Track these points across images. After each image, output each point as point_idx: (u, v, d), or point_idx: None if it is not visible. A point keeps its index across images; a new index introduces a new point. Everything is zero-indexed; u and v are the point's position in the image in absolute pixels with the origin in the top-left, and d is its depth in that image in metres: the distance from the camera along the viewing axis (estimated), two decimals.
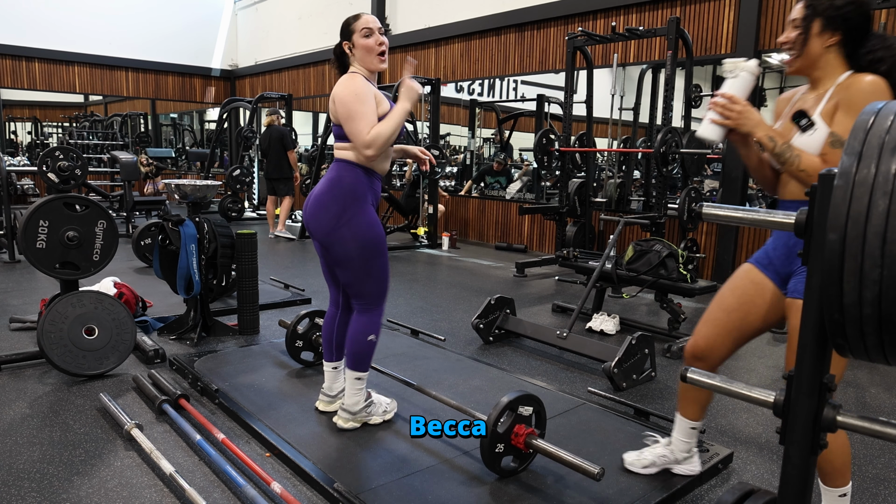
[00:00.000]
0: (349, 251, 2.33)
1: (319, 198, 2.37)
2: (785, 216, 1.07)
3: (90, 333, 3.11)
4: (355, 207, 2.33)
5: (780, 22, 5.53)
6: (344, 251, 2.33)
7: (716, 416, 2.89)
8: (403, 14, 9.64)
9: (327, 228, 2.33)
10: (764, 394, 1.14)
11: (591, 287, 4.00)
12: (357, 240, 2.33)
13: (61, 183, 3.40)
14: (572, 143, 6.12)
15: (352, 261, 2.35)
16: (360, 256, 2.34)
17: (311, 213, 2.39)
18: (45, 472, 2.23)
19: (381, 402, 2.62)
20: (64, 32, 11.54)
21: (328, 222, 2.32)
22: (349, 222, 2.32)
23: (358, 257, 2.34)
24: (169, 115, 15.45)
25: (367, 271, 2.38)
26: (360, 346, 2.44)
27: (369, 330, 2.44)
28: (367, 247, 2.35)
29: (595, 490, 2.12)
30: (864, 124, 0.93)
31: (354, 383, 2.48)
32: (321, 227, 2.34)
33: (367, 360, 2.47)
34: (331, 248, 2.36)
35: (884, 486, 2.31)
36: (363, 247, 2.34)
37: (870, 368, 3.63)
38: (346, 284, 2.44)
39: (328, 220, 2.32)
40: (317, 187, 2.41)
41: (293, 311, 4.36)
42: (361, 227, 2.33)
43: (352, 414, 2.50)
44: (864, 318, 0.90)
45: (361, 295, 2.43)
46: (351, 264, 2.36)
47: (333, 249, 2.35)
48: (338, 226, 2.31)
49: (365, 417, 2.54)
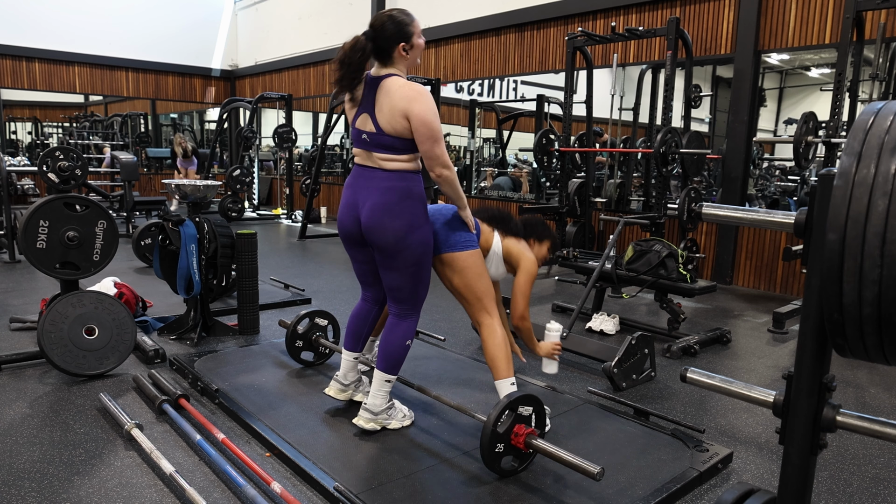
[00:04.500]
0: (414, 258, 2.35)
1: (388, 206, 2.30)
2: (785, 216, 1.08)
3: (90, 333, 3.11)
4: (424, 216, 2.37)
5: (781, 22, 5.53)
6: (409, 258, 2.34)
7: (716, 416, 2.89)
8: None
9: (398, 236, 2.30)
10: (764, 394, 1.14)
11: (591, 287, 4.00)
12: (423, 246, 2.36)
13: (61, 183, 3.39)
14: (572, 143, 6.12)
15: (409, 267, 2.37)
16: (418, 263, 2.37)
17: (374, 222, 2.31)
18: (45, 472, 2.23)
19: (402, 409, 2.62)
20: (64, 32, 11.54)
21: (399, 230, 2.30)
22: (419, 229, 2.34)
23: (415, 264, 2.37)
24: (169, 115, 15.44)
25: (419, 277, 2.41)
26: (397, 350, 2.45)
27: (408, 335, 2.47)
28: (427, 253, 2.40)
29: (595, 490, 2.12)
30: (864, 124, 0.93)
31: (383, 385, 2.48)
32: (388, 235, 2.30)
33: (399, 364, 2.49)
34: (398, 255, 2.34)
35: (884, 486, 2.32)
36: (425, 253, 2.38)
37: (870, 368, 3.63)
38: (395, 289, 2.43)
39: (399, 228, 2.30)
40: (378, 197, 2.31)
41: (293, 311, 4.36)
42: (427, 234, 2.38)
43: (374, 414, 2.49)
44: (864, 317, 0.90)
45: (406, 300, 2.44)
46: (408, 270, 2.37)
47: (401, 256, 2.34)
48: (409, 234, 2.31)
49: (385, 420, 2.53)
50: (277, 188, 11.84)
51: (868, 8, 4.35)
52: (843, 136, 4.44)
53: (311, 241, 8.18)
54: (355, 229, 2.41)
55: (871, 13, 4.87)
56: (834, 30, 5.21)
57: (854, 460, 2.50)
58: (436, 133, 2.24)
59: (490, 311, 2.52)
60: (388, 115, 2.24)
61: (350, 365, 2.72)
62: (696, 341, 3.79)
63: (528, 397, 2.21)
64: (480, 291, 2.51)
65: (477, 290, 2.51)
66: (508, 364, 2.49)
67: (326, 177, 11.63)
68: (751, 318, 4.79)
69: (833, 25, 5.22)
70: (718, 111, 7.89)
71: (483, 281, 2.52)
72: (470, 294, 2.52)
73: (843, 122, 4.58)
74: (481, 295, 2.51)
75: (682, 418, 2.79)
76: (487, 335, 2.50)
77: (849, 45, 4.41)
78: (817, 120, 4.55)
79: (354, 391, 2.77)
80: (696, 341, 3.80)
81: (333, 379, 2.75)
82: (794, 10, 5.44)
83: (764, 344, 4.11)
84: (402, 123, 2.23)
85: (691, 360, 3.70)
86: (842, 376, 3.49)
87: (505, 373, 2.48)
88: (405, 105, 2.21)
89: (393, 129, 2.25)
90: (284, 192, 10.32)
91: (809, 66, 8.21)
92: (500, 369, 2.48)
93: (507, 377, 2.47)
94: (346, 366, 2.73)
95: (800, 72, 8.49)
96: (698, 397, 3.11)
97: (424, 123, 2.21)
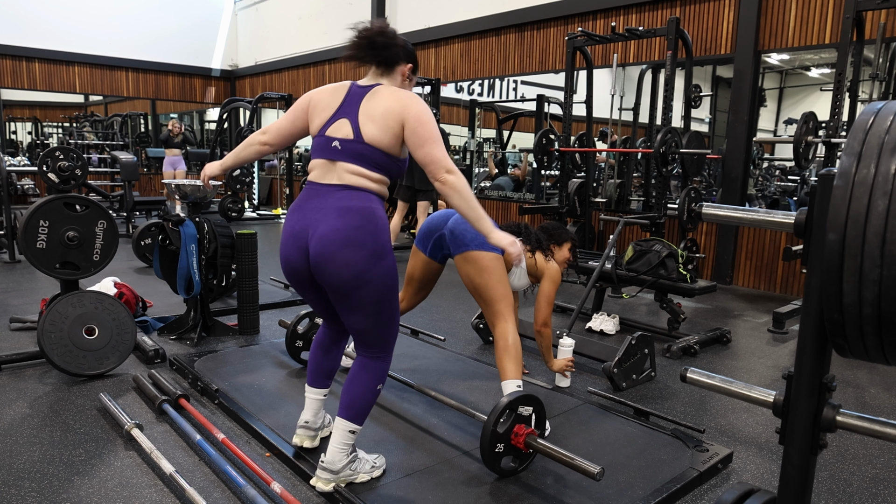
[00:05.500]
0: (376, 295, 1.97)
1: (345, 232, 1.91)
2: (785, 216, 1.08)
3: (90, 333, 3.11)
4: (388, 243, 1.99)
5: (781, 22, 5.53)
6: (371, 295, 1.96)
7: (716, 416, 2.89)
8: (403, 14, 9.64)
9: (356, 271, 1.91)
10: (764, 394, 1.14)
11: (591, 287, 4.00)
12: (387, 279, 1.99)
13: (61, 183, 3.40)
14: (572, 143, 6.12)
15: (371, 306, 1.98)
16: (382, 300, 1.99)
17: (326, 254, 1.91)
18: (45, 472, 2.23)
19: (367, 459, 2.21)
20: (64, 32, 11.54)
21: (358, 263, 1.90)
22: (383, 260, 1.97)
23: (378, 301, 1.98)
24: (169, 115, 15.44)
25: (386, 317, 2.03)
26: (365, 396, 2.08)
27: (379, 379, 2.10)
28: (392, 287, 2.02)
29: (595, 490, 2.12)
30: (864, 124, 0.93)
31: (347, 436, 2.08)
32: (344, 271, 1.90)
33: (367, 411, 2.12)
34: (355, 293, 1.94)
35: (884, 486, 2.32)
36: (390, 289, 2.01)
37: (870, 368, 3.63)
38: (360, 332, 2.05)
39: (358, 260, 1.90)
40: (333, 221, 1.93)
41: (293, 311, 4.36)
42: (391, 264, 2.01)
43: (334, 473, 2.09)
44: (864, 318, 0.90)
45: (374, 344, 2.06)
46: (371, 309, 1.98)
47: (360, 295, 1.94)
48: (371, 267, 1.93)
49: (349, 476, 2.12)
50: (277, 188, 11.84)
51: (868, 8, 4.35)
52: (843, 136, 4.44)
53: None
54: (303, 265, 1.99)
55: (871, 13, 4.87)
56: (834, 30, 5.21)
57: (854, 460, 2.50)
58: (435, 134, 1.97)
59: (506, 315, 2.58)
60: (380, 120, 1.97)
61: (319, 404, 2.35)
62: (696, 341, 3.79)
63: (528, 397, 2.21)
64: (500, 294, 2.56)
65: (496, 293, 2.56)
66: (517, 367, 2.53)
67: None
68: (751, 318, 4.79)
69: (833, 25, 5.22)
70: (718, 111, 7.89)
71: (502, 286, 2.58)
72: (489, 295, 2.57)
73: (843, 122, 4.58)
74: (500, 298, 2.56)
75: (682, 418, 2.79)
76: (500, 338, 2.56)
77: (849, 45, 4.40)
78: (817, 120, 4.55)
79: (325, 428, 2.46)
80: (696, 341, 3.80)
81: (299, 427, 2.36)
82: (794, 9, 5.43)
83: (764, 344, 4.11)
84: (393, 130, 1.97)
85: (691, 360, 3.70)
86: (842, 376, 3.49)
87: (512, 374, 2.50)
88: (401, 107, 1.97)
89: (376, 137, 1.97)
90: (284, 192, 10.32)
91: (809, 66, 8.21)
92: (508, 370, 2.51)
93: (513, 378, 2.49)
94: (313, 406, 2.34)
95: (800, 72, 8.49)
96: (698, 397, 3.11)
97: (422, 123, 1.96)
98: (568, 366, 3.04)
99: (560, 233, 3.06)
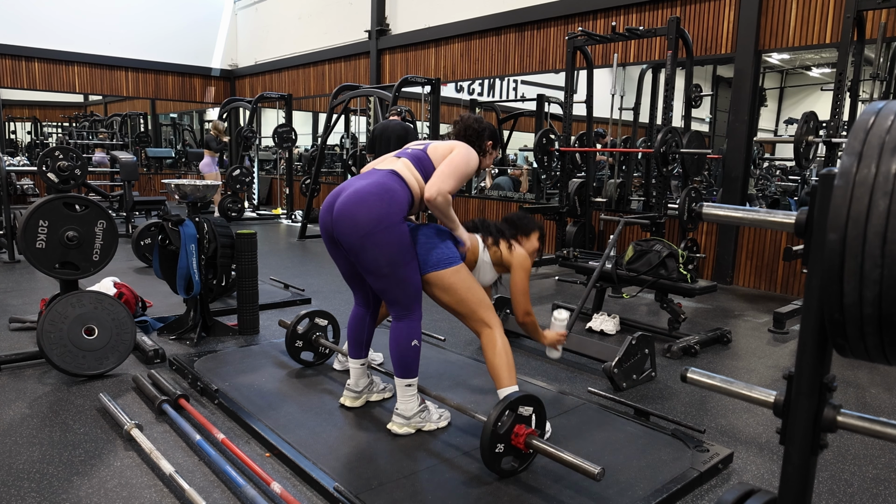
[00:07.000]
0: (386, 258, 2.27)
1: (362, 195, 2.26)
2: (785, 216, 1.07)
3: (90, 333, 3.11)
4: (397, 216, 2.29)
5: (781, 21, 5.53)
6: (380, 258, 2.27)
7: (716, 416, 2.89)
8: (403, 14, 9.64)
9: (362, 230, 2.24)
10: (764, 394, 1.14)
11: (591, 287, 4.00)
12: (395, 246, 2.28)
13: (61, 183, 3.39)
14: (572, 142, 6.12)
15: (383, 268, 2.29)
16: (394, 263, 2.29)
17: (346, 210, 2.26)
18: (44, 472, 2.23)
19: (435, 411, 2.60)
20: (64, 32, 11.54)
21: (365, 222, 2.23)
22: (390, 229, 2.26)
23: (390, 264, 2.28)
24: (169, 115, 15.45)
25: (401, 279, 2.33)
26: (404, 352, 2.41)
27: (412, 335, 2.41)
28: (403, 254, 2.31)
29: (595, 490, 2.12)
30: (865, 124, 0.93)
31: (405, 390, 2.46)
32: (358, 226, 2.24)
33: (414, 365, 2.44)
34: (362, 252, 2.27)
35: (884, 486, 2.31)
36: (400, 253, 2.30)
37: (870, 368, 3.63)
38: (380, 291, 2.40)
39: (366, 220, 2.23)
40: (357, 184, 2.32)
41: (293, 311, 4.36)
42: (400, 236, 2.30)
43: (406, 419, 2.49)
44: (865, 318, 0.89)
45: (395, 303, 2.39)
46: (383, 271, 2.30)
47: (369, 255, 2.27)
48: (375, 230, 2.24)
49: (419, 423, 2.52)
50: (277, 188, 11.84)
51: (868, 7, 4.35)
52: (844, 136, 4.44)
53: (311, 241, 8.18)
54: (329, 223, 2.37)
55: (872, 13, 4.86)
56: (834, 29, 5.20)
57: (855, 460, 2.50)
58: (461, 169, 2.41)
59: (488, 320, 2.47)
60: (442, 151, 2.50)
61: (359, 372, 2.74)
62: (696, 341, 3.79)
63: (528, 397, 2.21)
64: (474, 304, 2.46)
65: (469, 304, 2.46)
66: (510, 373, 2.46)
67: (326, 177, 11.63)
68: (751, 318, 4.79)
69: (834, 25, 5.22)
70: (719, 111, 7.90)
71: (474, 293, 2.47)
72: (463, 308, 2.47)
73: (843, 122, 4.58)
74: (475, 307, 2.46)
75: (683, 418, 2.79)
76: (487, 346, 2.47)
77: (849, 44, 4.40)
78: (818, 120, 4.55)
79: (368, 394, 2.82)
80: (697, 341, 3.79)
81: (346, 388, 2.79)
82: (795, 9, 5.43)
83: (764, 344, 4.11)
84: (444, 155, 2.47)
85: (692, 360, 3.70)
86: (842, 376, 3.48)
87: (507, 381, 2.43)
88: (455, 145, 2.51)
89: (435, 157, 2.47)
90: (284, 192, 10.32)
91: (810, 66, 8.21)
92: (502, 378, 2.44)
93: (509, 385, 2.43)
94: (355, 374, 2.75)
95: (800, 71, 8.49)
96: (699, 397, 3.10)
97: (461, 154, 2.45)
98: (560, 339, 2.87)
99: (526, 223, 2.88)
